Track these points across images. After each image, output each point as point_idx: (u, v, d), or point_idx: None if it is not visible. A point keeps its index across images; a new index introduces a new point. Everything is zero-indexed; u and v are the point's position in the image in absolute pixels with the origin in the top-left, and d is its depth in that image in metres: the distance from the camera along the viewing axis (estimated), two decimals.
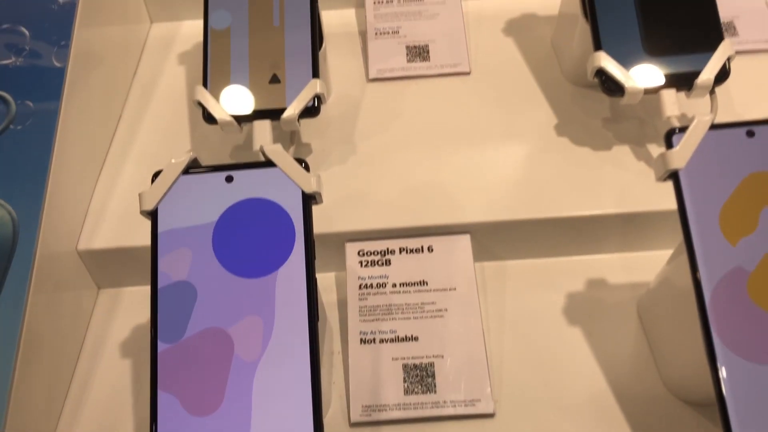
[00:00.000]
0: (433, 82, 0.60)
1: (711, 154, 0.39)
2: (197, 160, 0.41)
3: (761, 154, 0.39)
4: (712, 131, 0.39)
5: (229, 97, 0.50)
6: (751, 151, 0.39)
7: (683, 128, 0.39)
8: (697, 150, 0.39)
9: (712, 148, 0.39)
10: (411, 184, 0.52)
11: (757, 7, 0.62)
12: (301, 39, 0.51)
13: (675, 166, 0.38)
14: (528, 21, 0.66)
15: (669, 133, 0.39)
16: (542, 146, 0.54)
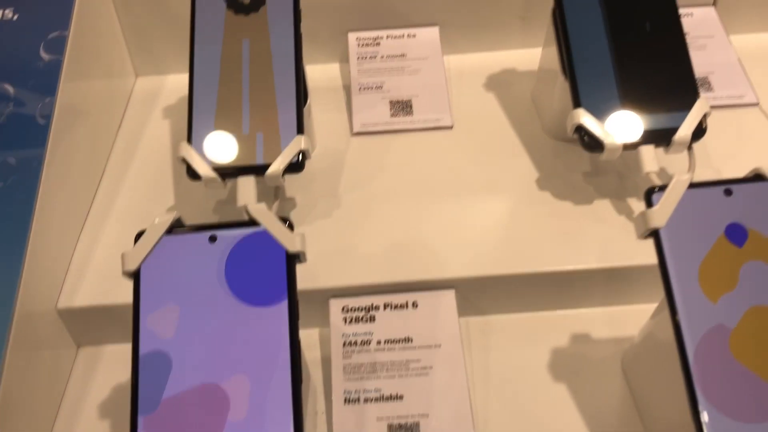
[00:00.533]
0: (416, 136, 0.61)
1: (690, 212, 0.39)
2: (181, 219, 0.41)
3: (738, 211, 0.39)
4: (690, 190, 0.40)
5: (213, 152, 0.50)
6: (729, 209, 0.40)
7: (662, 187, 0.40)
8: (676, 208, 0.39)
9: (691, 206, 0.40)
10: (395, 239, 0.52)
11: (731, 63, 0.64)
12: (286, 95, 0.52)
13: (655, 224, 0.39)
14: (508, 76, 0.67)
15: (648, 192, 0.40)
16: (525, 200, 0.54)
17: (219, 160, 0.50)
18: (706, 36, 0.66)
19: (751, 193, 0.40)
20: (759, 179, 0.40)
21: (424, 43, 0.68)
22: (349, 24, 0.68)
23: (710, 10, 0.68)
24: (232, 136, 0.50)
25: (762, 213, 0.39)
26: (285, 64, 0.52)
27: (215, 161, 0.50)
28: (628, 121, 0.50)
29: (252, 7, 0.54)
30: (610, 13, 0.53)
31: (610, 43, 0.52)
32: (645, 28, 0.53)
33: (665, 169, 0.55)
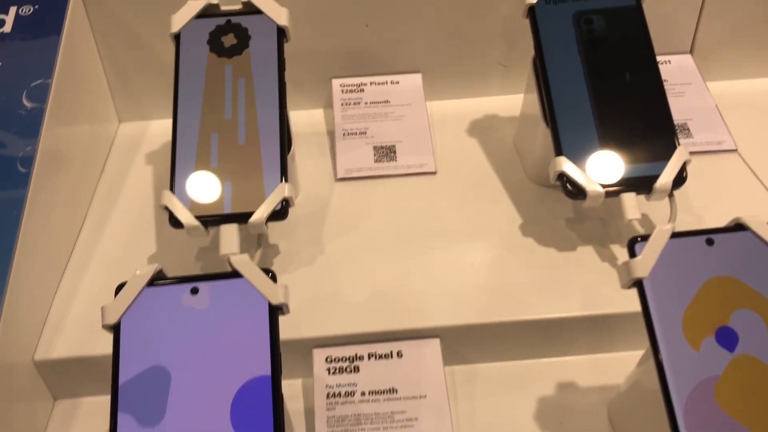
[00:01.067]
0: (400, 182, 0.61)
1: (672, 262, 0.40)
2: (162, 271, 0.41)
3: (720, 261, 0.40)
4: (673, 240, 0.40)
5: (196, 200, 0.50)
6: (711, 258, 0.40)
7: (645, 236, 0.40)
8: (659, 258, 0.39)
9: (674, 255, 0.40)
10: (379, 287, 0.52)
11: (709, 109, 0.65)
12: (270, 142, 0.52)
13: (639, 275, 0.39)
14: (490, 122, 0.68)
15: (632, 242, 0.40)
16: (508, 247, 0.55)
17: (202, 208, 0.50)
18: (683, 83, 0.67)
19: (732, 242, 0.40)
20: (739, 228, 0.40)
21: (408, 90, 0.68)
22: (334, 71, 0.69)
23: (687, 58, 0.70)
24: (215, 184, 0.50)
25: (743, 262, 0.40)
26: (269, 111, 0.53)
27: (198, 209, 0.49)
28: (609, 168, 0.51)
29: (235, 54, 0.54)
30: (589, 62, 0.54)
31: (590, 90, 0.53)
32: (624, 76, 0.54)
33: (648, 215, 0.56)
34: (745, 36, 0.69)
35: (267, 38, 0.55)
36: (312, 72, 0.68)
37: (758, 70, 0.71)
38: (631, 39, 0.55)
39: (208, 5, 0.55)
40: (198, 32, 0.55)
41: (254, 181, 0.50)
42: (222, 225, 0.49)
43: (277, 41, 0.55)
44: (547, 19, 0.55)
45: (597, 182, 0.50)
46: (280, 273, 0.53)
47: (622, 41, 0.54)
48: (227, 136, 0.52)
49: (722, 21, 0.68)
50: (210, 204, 0.50)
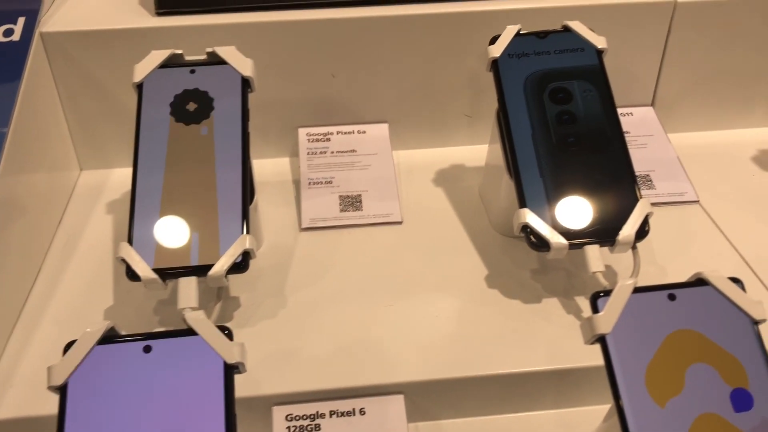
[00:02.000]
0: (365, 232, 0.61)
1: (635, 317, 0.39)
2: (115, 328, 0.39)
3: (682, 315, 0.40)
4: (635, 295, 0.40)
5: (154, 252, 0.48)
6: (673, 313, 0.40)
7: (607, 292, 0.40)
8: (621, 313, 0.39)
9: (636, 310, 0.39)
10: (342, 341, 0.50)
11: (671, 161, 0.66)
12: (231, 193, 0.51)
13: (601, 331, 0.38)
14: (456, 172, 0.68)
15: (594, 297, 0.40)
16: (473, 299, 0.54)
17: (160, 260, 0.48)
18: (646, 135, 0.68)
19: (693, 297, 0.40)
20: (701, 283, 0.40)
21: (374, 139, 0.68)
22: (300, 120, 0.69)
23: (649, 110, 0.71)
24: (174, 236, 0.49)
25: (704, 316, 0.40)
26: (231, 161, 0.52)
27: (156, 262, 0.48)
28: (573, 220, 0.51)
29: (199, 104, 0.54)
30: (551, 115, 0.54)
31: (554, 142, 0.53)
32: (587, 130, 0.54)
33: (612, 266, 0.56)
34: (704, 89, 0.71)
35: (231, 89, 0.55)
36: (278, 121, 0.68)
37: (718, 122, 0.73)
38: (593, 93, 0.55)
39: (172, 55, 0.55)
40: (161, 82, 0.55)
41: (215, 232, 0.49)
42: (180, 278, 0.48)
43: (242, 92, 0.54)
44: (510, 72, 0.56)
45: (561, 234, 0.50)
46: (240, 326, 0.52)
47: (584, 95, 0.55)
48: (188, 186, 0.51)
49: (682, 74, 0.70)
50: (169, 256, 0.49)
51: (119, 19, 0.62)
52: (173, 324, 0.52)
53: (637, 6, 0.65)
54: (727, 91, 0.71)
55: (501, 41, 0.57)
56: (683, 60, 0.69)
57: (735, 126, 0.73)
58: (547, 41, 0.58)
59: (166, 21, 0.62)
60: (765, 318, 0.39)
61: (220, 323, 0.51)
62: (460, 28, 0.65)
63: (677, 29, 0.67)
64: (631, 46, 0.68)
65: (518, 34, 0.58)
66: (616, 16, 0.66)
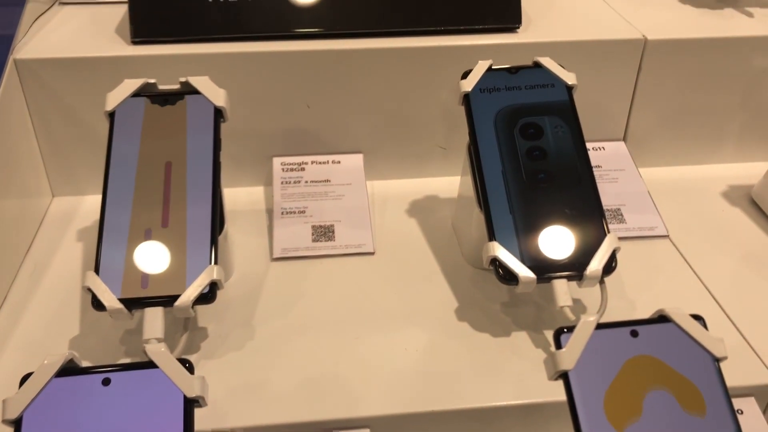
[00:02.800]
0: (337, 262, 0.61)
1: (597, 352, 0.39)
2: (74, 359, 0.39)
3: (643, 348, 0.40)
4: (598, 331, 0.40)
5: (121, 281, 0.48)
6: (634, 347, 0.40)
7: (571, 328, 0.40)
8: (584, 350, 0.39)
9: (599, 346, 0.40)
10: (309, 374, 0.50)
11: (641, 195, 0.67)
12: (201, 223, 0.51)
13: (564, 367, 0.39)
14: (430, 203, 0.69)
15: (557, 333, 0.40)
16: (443, 331, 0.54)
17: (126, 289, 0.48)
18: (617, 169, 0.69)
19: (656, 333, 0.40)
20: (663, 320, 0.40)
21: (349, 169, 0.69)
22: (275, 149, 0.69)
23: (620, 145, 0.72)
24: (141, 265, 0.49)
25: (665, 349, 0.40)
26: (201, 191, 0.52)
27: (122, 291, 0.48)
28: (541, 254, 0.51)
29: (170, 133, 0.54)
30: (521, 149, 0.55)
31: (524, 178, 0.54)
32: (557, 164, 0.55)
33: (581, 300, 0.56)
34: (675, 125, 0.72)
35: (203, 119, 0.55)
36: (253, 150, 0.68)
37: (688, 157, 0.74)
38: (563, 129, 0.56)
39: (146, 84, 0.55)
40: (133, 111, 0.55)
41: (182, 262, 0.49)
42: (146, 308, 0.48)
43: (214, 122, 0.55)
44: (481, 107, 0.57)
45: (529, 268, 0.50)
46: (207, 358, 0.51)
47: (555, 131, 0.56)
48: (157, 216, 0.51)
49: (653, 110, 0.71)
50: (135, 286, 0.48)
51: (94, 47, 0.62)
52: (139, 355, 0.51)
53: (608, 43, 0.67)
54: (697, 127, 0.72)
55: (472, 76, 0.58)
56: (654, 96, 0.70)
57: (705, 161, 0.74)
58: (518, 76, 0.58)
59: (141, 50, 0.63)
60: (726, 356, 0.39)
61: (186, 354, 0.51)
62: (434, 62, 0.65)
63: (648, 66, 0.68)
64: (604, 81, 0.69)
65: (490, 69, 0.58)
66: (589, 53, 0.67)
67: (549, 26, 0.68)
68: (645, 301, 0.57)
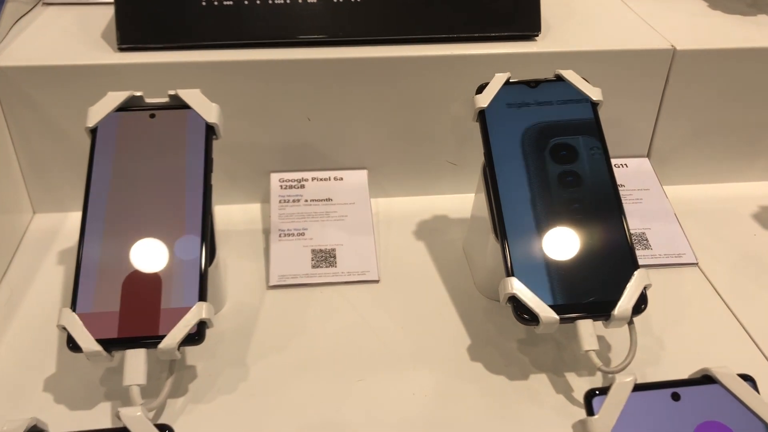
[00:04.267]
0: (339, 291, 0.56)
1: (635, 418, 0.35)
2: (38, 424, 0.34)
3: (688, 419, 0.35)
4: (635, 393, 0.35)
5: (100, 320, 0.43)
6: (677, 415, 0.35)
7: (603, 390, 0.35)
8: (620, 416, 0.34)
9: (636, 411, 0.35)
10: (309, 420, 0.45)
11: (668, 219, 0.62)
12: (189, 255, 0.46)
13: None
14: (440, 223, 0.64)
15: (588, 396, 0.35)
16: (453, 374, 0.49)
17: (106, 329, 0.43)
18: (641, 188, 0.64)
19: (700, 397, 0.35)
20: (708, 381, 0.36)
21: (352, 187, 0.64)
22: (273, 164, 0.64)
23: (644, 161, 0.67)
24: (124, 302, 0.44)
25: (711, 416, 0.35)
26: (191, 217, 0.47)
27: (101, 331, 0.43)
28: (564, 292, 0.46)
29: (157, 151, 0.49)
30: (543, 174, 0.50)
31: (545, 206, 0.49)
32: (581, 191, 0.50)
33: (605, 338, 0.51)
34: (703, 140, 0.67)
35: (194, 136, 0.50)
36: (249, 164, 0.64)
37: (717, 175, 0.69)
38: (588, 151, 0.51)
39: (131, 97, 0.50)
40: (117, 127, 0.50)
41: (168, 299, 0.45)
42: (127, 350, 0.43)
43: (205, 140, 0.50)
44: (499, 125, 0.52)
45: (550, 307, 0.45)
46: (195, 401, 0.47)
47: (589, 153, 0.51)
48: (141, 245, 0.46)
49: (680, 124, 0.66)
50: (116, 325, 0.44)
51: (78, 55, 0.57)
52: (122, 397, 0.47)
53: (634, 53, 0.62)
54: (726, 143, 0.67)
55: (489, 90, 0.53)
56: (682, 109, 0.65)
57: (735, 179, 0.69)
58: (538, 91, 0.54)
59: (129, 57, 0.58)
60: None
61: (172, 398, 0.47)
62: (445, 71, 0.60)
63: (676, 77, 0.63)
64: (628, 93, 0.64)
65: (507, 83, 0.53)
66: (613, 63, 0.62)
67: (570, 34, 0.63)
68: (673, 339, 0.52)
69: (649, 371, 0.49)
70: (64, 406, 0.46)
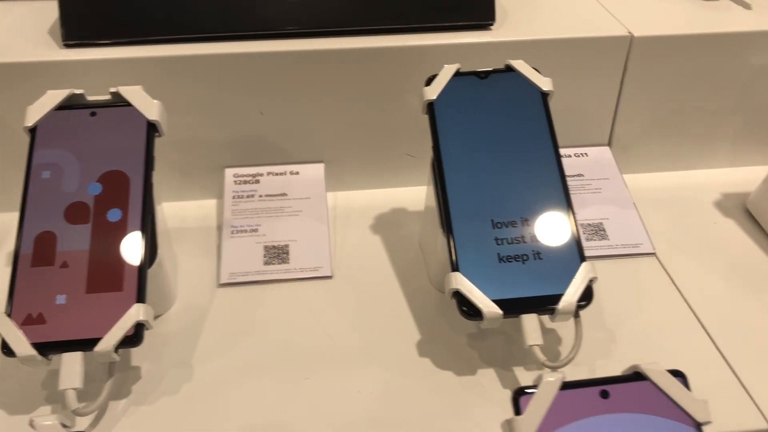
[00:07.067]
0: (291, 288, 0.55)
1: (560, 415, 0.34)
2: None
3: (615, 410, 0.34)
4: (562, 392, 0.34)
5: (35, 324, 0.43)
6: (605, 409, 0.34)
7: (531, 388, 0.35)
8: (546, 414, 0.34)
9: (563, 409, 0.34)
10: (251, 422, 0.45)
11: (626, 208, 0.61)
12: (129, 254, 0.45)
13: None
14: (398, 216, 0.63)
15: (515, 395, 0.35)
16: (401, 370, 0.49)
17: (42, 332, 0.43)
18: (600, 178, 0.64)
19: (629, 394, 0.35)
20: (638, 378, 0.35)
21: (308, 181, 0.63)
22: (228, 159, 0.63)
23: (605, 150, 0.66)
24: (59, 305, 0.43)
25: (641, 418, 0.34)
26: (132, 217, 0.46)
27: (37, 334, 0.43)
28: (509, 287, 0.46)
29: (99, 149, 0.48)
30: (491, 166, 0.49)
31: (492, 200, 0.48)
32: (532, 183, 0.49)
33: (555, 331, 0.51)
34: (664, 128, 0.66)
35: (135, 134, 0.49)
36: (203, 160, 0.63)
37: (678, 162, 0.68)
38: (537, 143, 0.50)
39: (71, 95, 0.50)
40: (57, 126, 0.49)
41: (105, 300, 0.44)
42: (63, 354, 0.43)
43: (146, 137, 0.49)
44: (447, 117, 0.51)
45: (495, 302, 0.45)
46: (137, 404, 0.46)
47: (530, 145, 0.50)
48: (80, 246, 0.45)
49: (640, 112, 0.65)
50: (52, 328, 0.43)
51: (23, 52, 0.56)
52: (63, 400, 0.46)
53: (591, 40, 0.61)
54: (688, 130, 0.67)
55: (437, 82, 0.52)
56: (642, 97, 0.64)
57: (697, 166, 0.69)
58: (489, 82, 0.53)
59: (74, 54, 0.57)
60: (709, 420, 0.34)
61: (114, 400, 0.46)
62: (400, 63, 0.59)
63: (634, 65, 0.62)
64: (587, 82, 0.63)
65: (457, 74, 0.53)
66: (570, 51, 0.61)
67: (526, 23, 0.62)
68: (626, 332, 0.51)
69: (599, 365, 0.49)
70: (3, 411, 0.45)
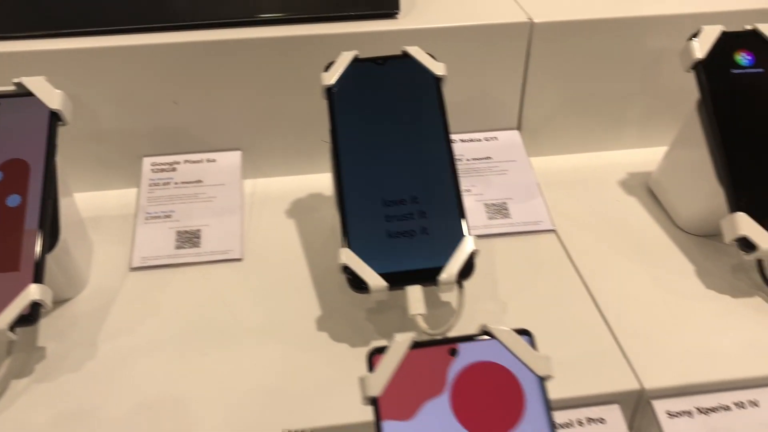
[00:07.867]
0: (201, 270, 0.57)
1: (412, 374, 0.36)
2: None
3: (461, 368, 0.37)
4: (413, 351, 0.36)
5: None
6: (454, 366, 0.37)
7: (383, 348, 0.37)
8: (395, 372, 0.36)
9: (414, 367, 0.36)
10: (145, 397, 0.47)
11: (530, 188, 0.64)
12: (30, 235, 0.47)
13: (371, 393, 0.35)
14: (313, 201, 0.65)
15: (371, 355, 0.37)
16: (298, 345, 0.51)
17: None
18: (507, 160, 0.66)
19: (476, 350, 0.37)
20: (486, 336, 0.37)
21: (224, 169, 0.65)
22: (146, 149, 0.65)
23: (515, 134, 0.69)
24: None
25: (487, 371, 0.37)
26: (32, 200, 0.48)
27: None
28: (396, 261, 0.48)
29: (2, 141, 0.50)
30: (384, 148, 0.52)
31: (382, 180, 0.51)
32: (419, 163, 0.51)
33: (449, 303, 0.53)
34: (571, 111, 0.69)
35: (38, 123, 0.51)
36: (121, 150, 0.64)
37: (587, 144, 0.71)
38: (427, 125, 0.53)
39: None
40: None
41: (2, 280, 0.46)
42: None
43: (48, 126, 0.51)
44: (344, 102, 0.53)
45: (381, 275, 0.47)
46: (38, 381, 0.48)
47: (418, 128, 0.52)
48: None
49: (547, 96, 0.68)
50: None
51: None
52: None
53: (493, 27, 0.63)
54: (594, 113, 0.69)
55: (335, 68, 0.54)
56: (546, 82, 0.66)
57: (606, 148, 0.71)
58: (386, 68, 0.55)
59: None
60: (550, 374, 0.36)
61: (16, 378, 0.48)
62: (307, 51, 0.61)
63: (537, 50, 0.64)
64: (492, 68, 0.65)
65: (356, 60, 0.55)
66: (474, 38, 0.63)
67: (432, 11, 0.64)
68: (518, 304, 0.54)
69: None
70: None
